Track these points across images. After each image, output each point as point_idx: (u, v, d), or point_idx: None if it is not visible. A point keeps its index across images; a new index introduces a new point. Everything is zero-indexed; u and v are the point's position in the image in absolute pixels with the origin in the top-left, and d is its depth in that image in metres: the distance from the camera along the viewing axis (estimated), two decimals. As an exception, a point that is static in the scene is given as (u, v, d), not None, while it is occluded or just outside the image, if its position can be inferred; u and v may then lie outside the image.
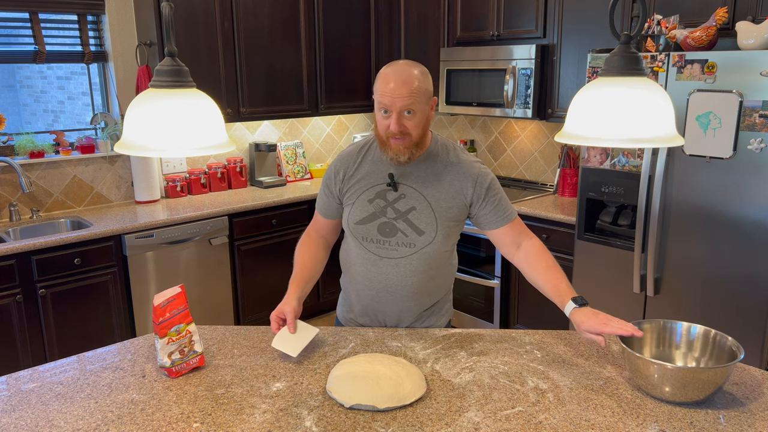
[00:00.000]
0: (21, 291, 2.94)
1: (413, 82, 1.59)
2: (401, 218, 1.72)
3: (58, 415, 1.38)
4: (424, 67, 1.65)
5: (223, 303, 3.69)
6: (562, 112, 3.47)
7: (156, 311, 1.51)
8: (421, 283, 1.77)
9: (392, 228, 1.73)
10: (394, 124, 1.60)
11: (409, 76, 1.59)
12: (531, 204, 3.52)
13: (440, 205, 1.72)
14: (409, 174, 1.73)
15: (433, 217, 1.72)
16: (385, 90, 1.59)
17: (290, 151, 4.46)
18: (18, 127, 6.80)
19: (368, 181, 1.75)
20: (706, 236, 2.64)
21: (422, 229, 1.72)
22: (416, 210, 1.72)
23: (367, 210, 1.74)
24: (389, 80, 1.59)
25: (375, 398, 1.39)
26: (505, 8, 3.65)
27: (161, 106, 1.26)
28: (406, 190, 1.72)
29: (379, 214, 1.73)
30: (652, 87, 1.31)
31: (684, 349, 1.56)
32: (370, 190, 1.75)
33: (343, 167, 1.79)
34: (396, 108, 1.59)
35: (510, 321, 3.68)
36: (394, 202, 1.72)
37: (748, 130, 2.44)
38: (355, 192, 1.76)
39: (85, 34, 3.61)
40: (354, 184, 1.77)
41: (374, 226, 1.74)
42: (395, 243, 1.73)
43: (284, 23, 4.00)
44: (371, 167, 1.76)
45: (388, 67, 1.64)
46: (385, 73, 1.62)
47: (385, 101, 1.60)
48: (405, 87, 1.58)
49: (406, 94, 1.58)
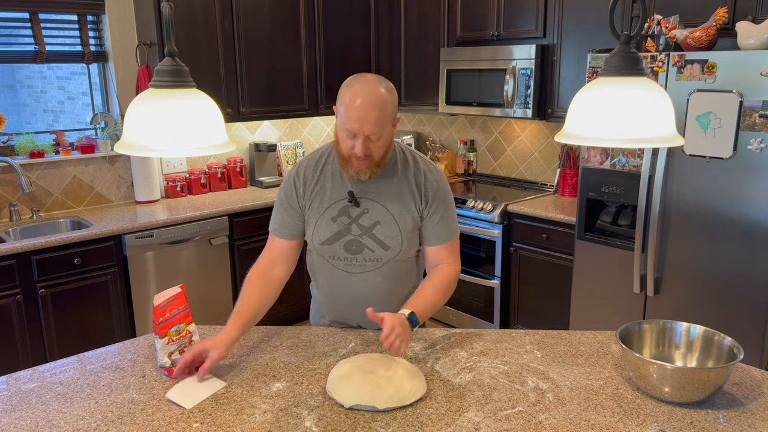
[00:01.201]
0: (21, 291, 2.94)
1: (381, 106, 1.52)
2: (366, 234, 1.69)
3: (58, 415, 1.38)
4: (390, 84, 1.59)
5: (223, 303, 3.68)
6: (562, 112, 3.47)
7: (156, 311, 1.51)
8: (390, 291, 1.78)
9: (358, 245, 1.70)
10: (359, 148, 1.54)
11: (377, 97, 1.51)
12: (531, 204, 3.52)
13: (403, 216, 1.69)
14: (369, 188, 1.68)
15: (398, 230, 1.69)
16: (352, 113, 1.51)
17: (290, 151, 4.46)
18: (18, 127, 6.80)
19: (329, 197, 1.69)
20: (706, 236, 2.64)
21: (387, 244, 1.70)
22: (381, 224, 1.69)
23: (332, 229, 1.70)
24: (358, 100, 1.51)
25: (375, 399, 1.39)
26: (505, 8, 3.65)
27: (161, 106, 1.26)
28: (369, 204, 1.69)
29: (344, 232, 1.69)
30: (652, 87, 1.31)
31: (684, 349, 1.56)
32: (332, 207, 1.69)
33: (302, 182, 1.71)
34: (363, 133, 1.53)
35: (510, 321, 3.68)
36: (357, 218, 1.69)
37: (748, 130, 2.44)
38: (317, 209, 1.70)
39: (85, 34, 3.61)
40: (314, 199, 1.70)
41: (340, 244, 1.71)
42: (362, 259, 1.72)
43: (284, 23, 4.00)
44: (331, 182, 1.70)
45: (356, 83, 1.54)
46: (353, 91, 1.52)
47: (351, 126, 1.52)
48: (373, 112, 1.50)
49: (373, 120, 1.51)
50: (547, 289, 3.43)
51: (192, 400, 1.43)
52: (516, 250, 3.53)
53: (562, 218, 3.26)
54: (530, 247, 3.46)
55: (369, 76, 1.58)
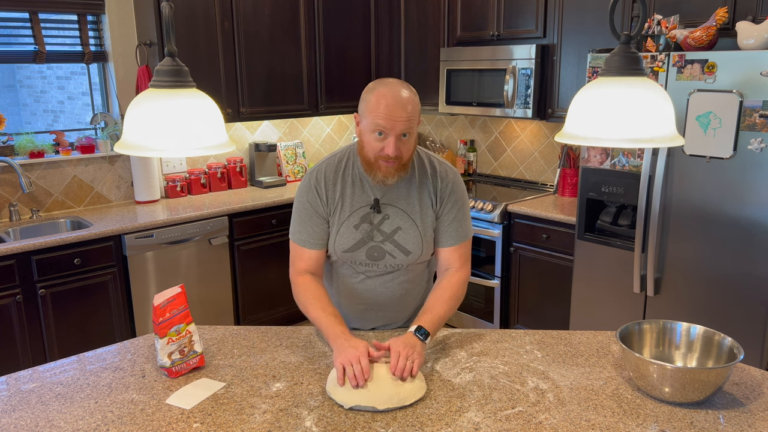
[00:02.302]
0: (21, 291, 2.94)
1: (409, 105, 1.53)
2: (388, 240, 1.69)
3: (58, 415, 1.38)
4: (411, 86, 1.61)
5: (223, 303, 3.68)
6: (562, 112, 3.47)
7: (156, 311, 1.51)
8: (406, 292, 1.80)
9: (380, 251, 1.70)
10: (391, 148, 1.53)
11: (405, 97, 1.53)
12: (531, 204, 3.52)
13: (424, 220, 1.70)
14: (388, 193, 1.68)
15: (419, 235, 1.69)
16: (381, 111, 1.51)
17: (290, 151, 4.46)
18: (18, 127, 6.81)
19: (351, 204, 1.68)
20: (706, 236, 2.64)
21: (409, 249, 1.70)
22: (402, 230, 1.69)
23: (355, 237, 1.68)
24: (386, 100, 1.51)
25: (374, 399, 1.38)
26: (505, 8, 3.65)
27: (161, 106, 1.26)
28: (389, 210, 1.68)
29: (366, 240, 1.69)
30: (652, 87, 1.31)
31: (684, 349, 1.56)
32: (354, 214, 1.68)
33: (324, 189, 1.69)
34: (396, 131, 1.53)
35: (510, 321, 3.68)
36: (379, 224, 1.68)
37: (748, 130, 2.44)
38: (339, 216, 1.69)
39: (85, 34, 3.61)
40: (337, 206, 1.69)
41: (363, 252, 1.70)
42: (383, 265, 1.72)
43: (284, 23, 4.00)
44: (352, 188, 1.68)
45: (382, 86, 1.55)
46: (380, 93, 1.53)
47: (383, 123, 1.52)
48: (403, 110, 1.51)
49: (404, 117, 1.52)
50: (547, 289, 3.43)
51: (192, 400, 1.44)
52: (516, 250, 3.53)
53: (562, 218, 3.26)
54: (530, 247, 3.46)
55: (390, 79, 1.59)
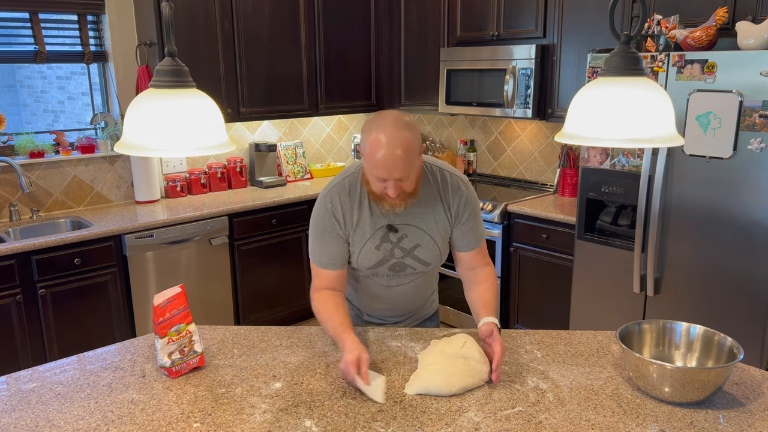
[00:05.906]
0: (21, 291, 2.94)
1: (406, 148, 1.49)
2: (408, 255, 1.74)
3: (58, 415, 1.38)
4: (410, 118, 1.55)
5: (223, 303, 3.69)
6: (562, 112, 3.47)
7: (156, 311, 1.51)
8: (425, 294, 1.93)
9: (402, 266, 1.76)
10: (392, 191, 1.54)
11: (400, 141, 1.48)
12: (531, 204, 3.52)
13: (440, 234, 1.74)
14: (402, 214, 1.69)
15: (437, 248, 1.75)
16: (379, 162, 1.49)
17: (290, 151, 4.46)
18: (18, 127, 6.81)
19: (369, 227, 1.70)
20: (706, 236, 2.64)
21: (428, 262, 1.77)
22: (421, 246, 1.73)
23: (377, 256, 1.73)
24: (383, 150, 1.48)
25: (448, 384, 1.45)
26: (505, 8, 3.65)
27: (161, 106, 1.26)
28: (406, 230, 1.71)
29: (388, 258, 1.74)
30: (652, 87, 1.31)
31: (684, 349, 1.56)
32: (374, 237, 1.70)
33: (341, 213, 1.69)
34: (394, 177, 1.52)
35: (510, 321, 3.68)
36: (399, 242, 1.72)
37: (748, 130, 2.44)
38: (360, 239, 1.71)
39: (85, 34, 3.61)
40: (357, 230, 1.70)
41: (385, 267, 1.76)
42: (403, 275, 1.79)
43: (284, 23, 4.00)
44: (369, 211, 1.69)
45: (378, 131, 1.50)
46: (377, 142, 1.49)
47: (381, 174, 1.51)
48: (399, 158, 1.48)
49: (401, 165, 1.49)
50: (547, 289, 3.43)
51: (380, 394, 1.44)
52: (516, 250, 3.53)
53: (562, 218, 3.26)
54: (530, 247, 3.46)
55: (388, 117, 1.53)
